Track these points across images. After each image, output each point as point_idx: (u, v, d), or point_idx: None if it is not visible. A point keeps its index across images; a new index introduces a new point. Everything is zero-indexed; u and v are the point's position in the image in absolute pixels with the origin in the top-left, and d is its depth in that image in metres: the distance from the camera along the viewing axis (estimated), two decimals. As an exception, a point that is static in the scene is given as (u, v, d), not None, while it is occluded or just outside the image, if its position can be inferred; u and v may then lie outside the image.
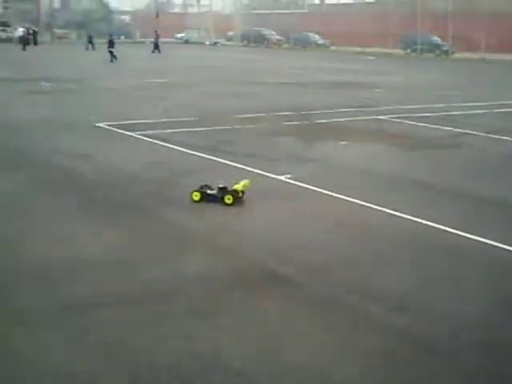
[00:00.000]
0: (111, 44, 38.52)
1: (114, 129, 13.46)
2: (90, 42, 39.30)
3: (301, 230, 7.23)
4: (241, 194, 8.07)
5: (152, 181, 9.24)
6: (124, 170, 9.94)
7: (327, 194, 8.58)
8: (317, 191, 8.73)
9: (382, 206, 7.95)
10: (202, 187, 8.11)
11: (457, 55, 54.23)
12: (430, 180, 9.70)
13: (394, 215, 7.67)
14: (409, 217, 7.56)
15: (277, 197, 8.54)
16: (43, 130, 13.68)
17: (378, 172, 10.14)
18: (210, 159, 10.62)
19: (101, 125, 13.90)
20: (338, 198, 8.43)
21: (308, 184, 9.00)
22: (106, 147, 11.79)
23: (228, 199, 7.89)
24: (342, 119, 15.60)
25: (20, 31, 60.38)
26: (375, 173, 10.10)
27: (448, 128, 14.62)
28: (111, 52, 37.81)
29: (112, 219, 7.52)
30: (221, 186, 8.02)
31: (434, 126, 14.85)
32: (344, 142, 12.58)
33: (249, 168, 9.89)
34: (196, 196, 8.02)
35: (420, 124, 15.15)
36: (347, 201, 8.28)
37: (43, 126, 14.13)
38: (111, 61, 37.19)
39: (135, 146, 11.97)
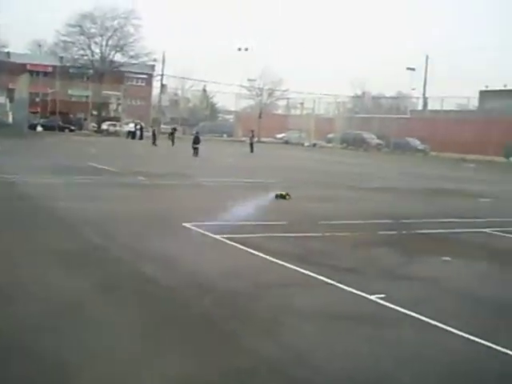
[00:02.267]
0: (196, 140, 40.30)
1: (200, 230, 12.84)
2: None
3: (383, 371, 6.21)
4: None
5: (231, 296, 8.44)
6: (201, 279, 9.19)
7: (422, 321, 7.51)
8: (411, 316, 7.67)
9: (496, 344, 6.80)
10: None
11: None
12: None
13: (506, 354, 6.54)
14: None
15: (363, 321, 7.55)
16: (127, 226, 13.22)
17: (486, 297, 8.99)
18: (295, 270, 9.75)
19: (187, 225, 13.34)
20: (435, 326, 7.35)
21: (402, 307, 7.96)
22: (189, 252, 11.12)
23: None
24: (444, 230, 14.51)
25: (131, 126, 62.99)
26: (482, 298, 8.96)
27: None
28: (196, 148, 39.52)
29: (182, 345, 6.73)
30: None
31: (546, 244, 13.57)
32: (446, 258, 11.47)
33: (336, 283, 8.98)
34: None
35: (530, 240, 13.90)
36: (448, 332, 7.18)
37: (128, 222, 13.70)
38: (194, 155, 38.76)
39: (220, 251, 11.26)
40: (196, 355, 6.26)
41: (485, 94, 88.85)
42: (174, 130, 54.72)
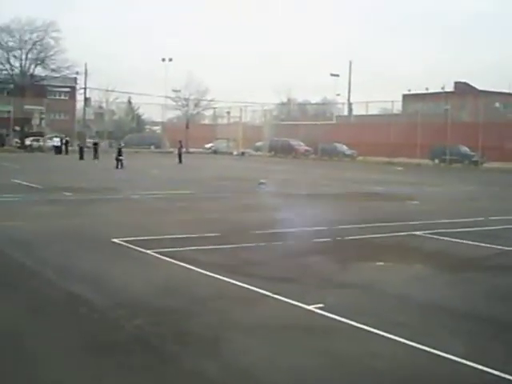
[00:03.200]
0: (120, 152, 40.37)
1: (131, 245, 12.45)
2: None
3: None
4: None
5: (164, 312, 8.14)
6: (133, 297, 8.85)
7: (361, 329, 7.38)
8: (350, 325, 7.53)
9: (437, 349, 6.69)
10: None
11: (486, 165, 53.57)
12: (484, 313, 8.47)
13: (447, 359, 6.44)
14: (464, 361, 6.34)
15: (301, 333, 7.36)
16: (54, 245, 12.73)
17: (422, 301, 8.94)
18: (230, 283, 9.51)
19: (117, 240, 12.94)
20: (375, 334, 7.22)
21: (341, 316, 7.81)
22: (119, 268, 10.74)
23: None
24: (376, 235, 14.50)
25: (56, 141, 61.74)
26: (418, 302, 8.91)
27: (491, 245, 13.46)
28: (119, 160, 39.66)
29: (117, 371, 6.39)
30: None
31: (476, 244, 13.70)
32: (380, 263, 11.42)
33: (274, 295, 8.79)
34: None
35: (460, 241, 14.01)
36: (388, 339, 7.06)
37: (55, 240, 13.20)
38: (117, 167, 38.95)
39: (151, 266, 10.91)
40: (135, 382, 5.95)
41: (408, 98, 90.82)
42: (96, 144, 53.59)
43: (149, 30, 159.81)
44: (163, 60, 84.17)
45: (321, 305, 8.26)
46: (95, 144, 53.42)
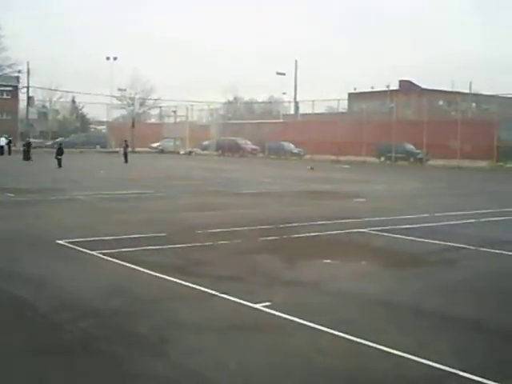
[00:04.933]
0: (60, 152, 40.18)
1: (76, 247, 12.26)
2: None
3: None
4: None
5: (110, 314, 8.03)
6: (79, 300, 8.72)
7: (308, 326, 7.39)
8: (297, 323, 7.53)
9: (380, 344, 6.76)
10: None
11: (431, 162, 54.47)
12: (429, 308, 8.58)
13: (393, 354, 6.50)
14: (412, 357, 6.40)
15: (248, 331, 7.34)
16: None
17: (368, 297, 9.01)
18: (177, 283, 9.44)
19: (62, 242, 12.73)
20: (324, 332, 7.24)
21: (288, 314, 7.81)
22: (64, 270, 10.58)
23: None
24: (323, 233, 14.58)
25: (2, 141, 60.44)
26: (365, 298, 8.97)
27: (435, 241, 13.66)
28: (59, 159, 39.48)
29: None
30: None
31: (420, 240, 13.90)
32: (327, 261, 11.48)
33: (221, 294, 8.75)
34: None
35: (405, 237, 14.19)
36: (337, 336, 7.09)
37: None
38: (59, 167, 38.82)
39: (97, 268, 10.76)
40: (76, 384, 5.86)
41: (354, 96, 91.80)
42: (29, 144, 52.00)
43: (93, 29, 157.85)
44: (108, 59, 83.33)
45: (268, 303, 8.26)
46: (25, 145, 51.85)
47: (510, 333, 7.50)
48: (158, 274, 9.94)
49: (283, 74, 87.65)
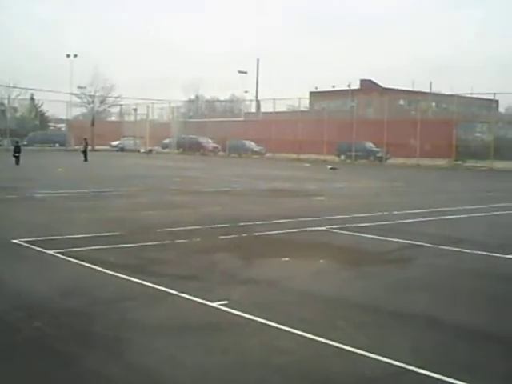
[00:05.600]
0: (17, 149, 40.26)
1: (32, 246, 12.07)
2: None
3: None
4: None
5: (65, 314, 7.91)
6: (34, 299, 8.58)
7: (266, 324, 7.37)
8: (255, 321, 7.51)
9: (337, 341, 6.77)
10: None
11: (391, 161, 54.99)
12: (387, 306, 8.62)
13: (350, 352, 6.51)
14: (369, 354, 6.42)
15: (206, 330, 7.29)
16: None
17: (327, 295, 9.04)
18: (135, 282, 9.34)
19: (17, 241, 12.52)
20: (282, 330, 7.22)
21: (245, 312, 7.79)
22: (19, 270, 10.41)
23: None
24: (283, 231, 14.59)
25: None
26: (323, 296, 8.99)
27: (394, 239, 13.77)
28: (17, 157, 39.46)
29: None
30: None
31: (379, 238, 13.98)
32: (286, 259, 11.49)
33: (179, 293, 8.69)
34: None
35: (364, 235, 14.28)
36: (295, 335, 7.08)
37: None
38: (17, 164, 38.83)
39: (53, 267, 10.59)
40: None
41: (315, 95, 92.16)
42: None
43: (53, 25, 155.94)
44: (68, 56, 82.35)
45: (225, 301, 8.22)
46: None
47: (465, 329, 7.57)
48: (115, 273, 9.83)
49: (245, 73, 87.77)
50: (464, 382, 5.76)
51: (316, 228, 15.10)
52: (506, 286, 9.99)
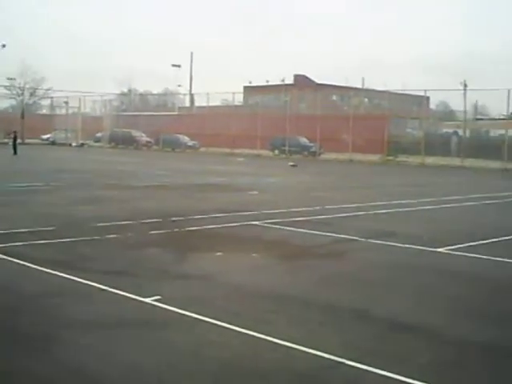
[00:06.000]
0: None
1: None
2: None
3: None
4: None
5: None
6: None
7: (201, 320, 7.31)
8: (188, 316, 7.44)
9: (269, 335, 6.75)
10: None
11: (324, 156, 55.52)
12: (319, 299, 8.66)
13: (283, 345, 6.50)
14: (301, 348, 6.43)
15: (137, 326, 7.18)
16: None
17: (260, 290, 9.03)
18: (65, 278, 9.14)
19: None
20: (215, 325, 7.17)
21: (178, 307, 7.71)
22: None
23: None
24: (216, 226, 14.53)
25: None
26: (256, 291, 8.98)
27: (327, 233, 13.88)
28: None
29: None
30: None
31: (312, 232, 14.07)
32: (219, 253, 11.43)
33: (110, 289, 8.54)
34: None
35: (297, 229, 14.35)
36: (228, 329, 7.04)
37: None
38: None
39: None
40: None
41: (249, 90, 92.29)
42: None
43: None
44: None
45: (158, 297, 8.12)
46: None
47: (397, 321, 7.65)
48: (45, 269, 9.60)
49: (179, 66, 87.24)
50: (395, 373, 5.82)
51: (249, 222, 15.10)
52: (435, 279, 10.16)
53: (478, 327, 7.59)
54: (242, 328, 7.00)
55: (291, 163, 28.75)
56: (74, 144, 69.33)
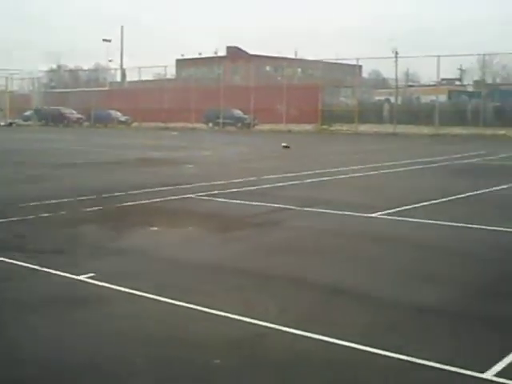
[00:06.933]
0: None
1: None
2: None
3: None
4: None
5: None
6: None
7: (136, 295, 7.22)
8: (123, 292, 7.34)
9: (206, 307, 6.72)
10: None
11: (259, 127, 55.60)
12: (252, 268, 8.67)
13: (220, 316, 6.48)
14: (235, 316, 6.42)
15: (71, 304, 7.04)
16: None
17: (195, 262, 8.97)
18: (-5, 260, 8.93)
19: None
20: (150, 299, 7.10)
21: (113, 283, 7.59)
22: None
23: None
24: (151, 200, 14.36)
25: None
26: (192, 263, 8.93)
27: (262, 203, 13.89)
28: None
29: None
30: None
31: (247, 203, 14.07)
32: (154, 228, 11.32)
33: (42, 268, 8.35)
34: None
35: (232, 201, 14.33)
36: (163, 302, 6.97)
37: None
38: None
39: None
40: None
41: (181, 63, 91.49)
42: None
43: None
44: None
45: (92, 274, 7.99)
46: None
47: (333, 287, 7.71)
48: (-27, 251, 9.34)
49: (109, 41, 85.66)
50: (328, 336, 5.87)
51: (184, 196, 14.99)
52: (369, 244, 10.29)
53: (411, 289, 7.72)
54: (178, 301, 6.95)
55: (284, 144, 28.59)
56: (2, 123, 67.65)
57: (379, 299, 7.24)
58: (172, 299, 7.00)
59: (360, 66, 66.00)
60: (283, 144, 28.73)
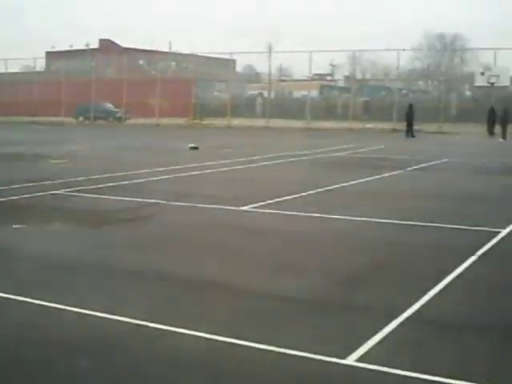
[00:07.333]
0: None
1: None
2: None
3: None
4: None
5: None
6: None
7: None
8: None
9: (71, 306, 6.53)
10: None
11: (131, 121, 54.97)
12: (121, 264, 8.52)
13: (90, 315, 6.33)
14: (101, 314, 6.28)
15: None
16: None
17: (62, 260, 8.71)
18: None
19: None
20: (14, 300, 6.83)
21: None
22: None
23: None
24: (13, 197, 13.80)
25: None
26: (58, 261, 8.66)
27: (132, 198, 13.70)
28: None
29: None
30: None
31: (117, 198, 13.82)
32: (16, 226, 10.89)
33: None
34: None
35: (102, 197, 14.04)
36: (27, 302, 6.71)
37: None
38: None
39: None
40: None
41: (52, 55, 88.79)
42: None
43: None
44: None
45: None
46: None
47: (201, 281, 7.68)
48: None
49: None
50: (190, 330, 5.86)
51: (52, 192, 14.55)
52: (237, 236, 10.37)
53: (276, 280, 7.82)
54: (44, 301, 6.71)
55: (192, 145, 27.65)
56: None
57: (245, 291, 7.30)
58: (38, 300, 6.72)
59: (234, 61, 66.50)
60: (191, 145, 28.05)
